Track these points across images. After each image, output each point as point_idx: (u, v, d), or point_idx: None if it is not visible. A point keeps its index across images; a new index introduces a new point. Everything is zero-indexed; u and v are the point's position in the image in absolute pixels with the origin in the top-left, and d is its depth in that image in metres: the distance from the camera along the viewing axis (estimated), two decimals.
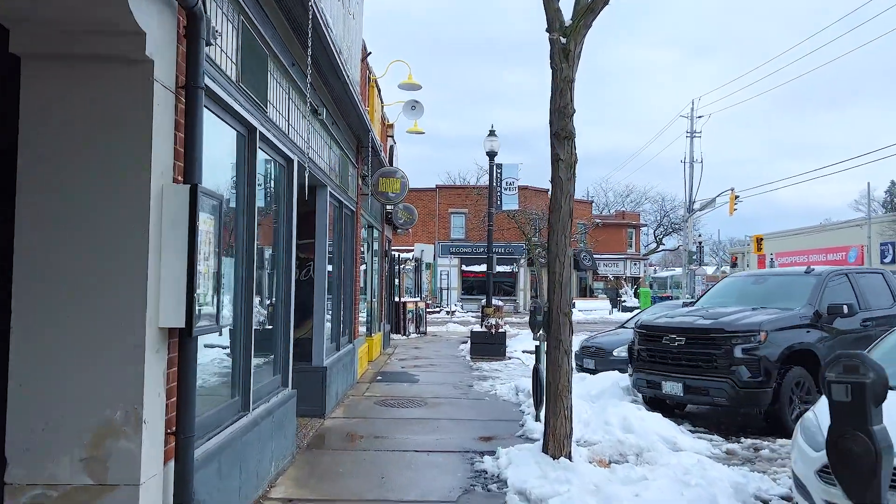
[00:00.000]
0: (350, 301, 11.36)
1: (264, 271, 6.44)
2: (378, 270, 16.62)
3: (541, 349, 10.10)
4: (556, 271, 6.42)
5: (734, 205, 34.17)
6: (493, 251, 18.12)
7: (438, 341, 20.55)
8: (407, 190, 11.72)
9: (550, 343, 6.49)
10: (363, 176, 11.77)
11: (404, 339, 20.70)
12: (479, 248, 41.71)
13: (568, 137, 6.36)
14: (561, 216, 6.39)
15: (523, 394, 10.08)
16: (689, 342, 8.97)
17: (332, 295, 10.03)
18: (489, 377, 12.81)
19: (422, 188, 41.86)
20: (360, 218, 12.04)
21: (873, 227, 56.66)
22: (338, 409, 9.24)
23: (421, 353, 16.92)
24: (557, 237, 6.40)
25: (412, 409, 9.42)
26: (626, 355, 12.58)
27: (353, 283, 11.50)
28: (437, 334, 23.32)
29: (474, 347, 16.19)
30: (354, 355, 11.38)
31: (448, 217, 42.67)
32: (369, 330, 14.92)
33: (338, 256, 10.16)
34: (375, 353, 15.45)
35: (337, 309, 10.09)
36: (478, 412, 9.30)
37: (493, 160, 17.99)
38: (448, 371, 13.63)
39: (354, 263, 11.52)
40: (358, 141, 11.46)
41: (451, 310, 36.07)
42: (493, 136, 17.88)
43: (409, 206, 16.88)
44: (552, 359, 6.47)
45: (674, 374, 9.05)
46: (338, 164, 9.75)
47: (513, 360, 15.61)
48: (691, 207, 43.87)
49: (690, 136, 49.37)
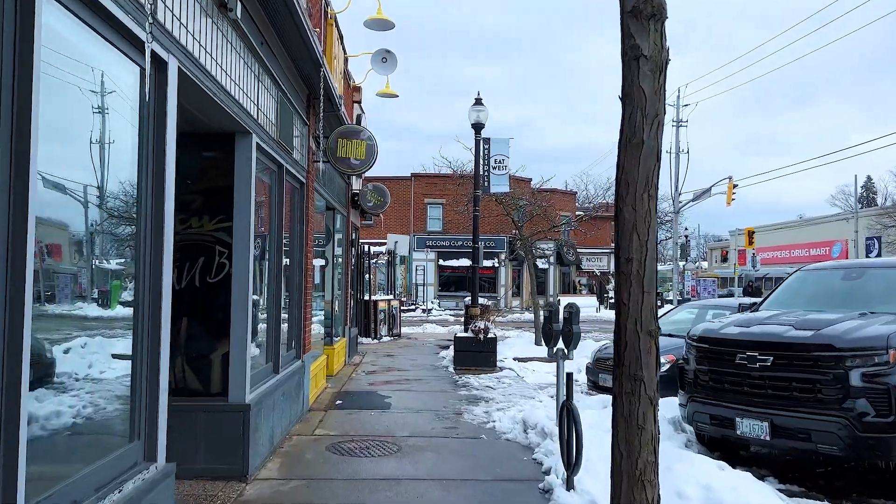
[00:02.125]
0: (299, 304, 8.47)
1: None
2: (342, 264, 13.71)
3: (561, 373, 7.33)
4: (632, 257, 3.62)
5: (732, 194, 31.87)
6: (479, 242, 15.31)
7: (414, 346, 17.70)
8: (376, 157, 8.87)
9: (622, 383, 3.69)
10: (316, 138, 8.88)
11: (375, 344, 17.81)
12: (458, 241, 38.90)
13: (655, 16, 3.55)
14: (643, 159, 3.59)
15: (535, 432, 7.28)
16: (777, 363, 6.26)
17: (267, 297, 7.15)
18: (481, 398, 10.01)
19: (396, 176, 38.86)
20: (314, 194, 9.14)
21: (859, 221, 55.14)
22: (272, 463, 6.35)
23: (394, 363, 14.06)
24: (636, 195, 3.59)
25: (380, 459, 6.57)
26: None
27: (305, 281, 8.61)
28: (413, 337, 20.48)
29: (459, 356, 13.38)
30: (304, 377, 8.50)
31: (424, 208, 39.75)
32: (330, 336, 12.02)
33: (275, 243, 7.26)
34: (338, 365, 12.56)
35: (275, 316, 7.20)
36: (475, 465, 6.48)
37: (479, 134, 15.16)
38: (428, 389, 10.80)
39: (305, 254, 8.62)
40: (309, 89, 8.56)
41: (428, 308, 33.25)
42: (480, 105, 15.05)
43: (381, 187, 14.00)
44: (624, 411, 3.67)
45: (754, 409, 6.34)
46: (274, 109, 6.85)
47: (505, 373, 12.83)
48: (679, 199, 41.60)
49: (676, 126, 47.04)
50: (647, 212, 3.61)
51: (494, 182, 15.46)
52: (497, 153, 15.54)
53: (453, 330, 22.93)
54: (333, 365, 11.99)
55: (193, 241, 6.10)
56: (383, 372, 12.77)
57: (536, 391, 10.94)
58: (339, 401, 9.62)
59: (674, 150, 45.97)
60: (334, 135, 8.84)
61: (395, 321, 19.92)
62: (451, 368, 13.23)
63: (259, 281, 7.07)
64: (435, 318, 31.21)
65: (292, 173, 7.89)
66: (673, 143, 45.98)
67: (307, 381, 8.75)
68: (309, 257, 8.72)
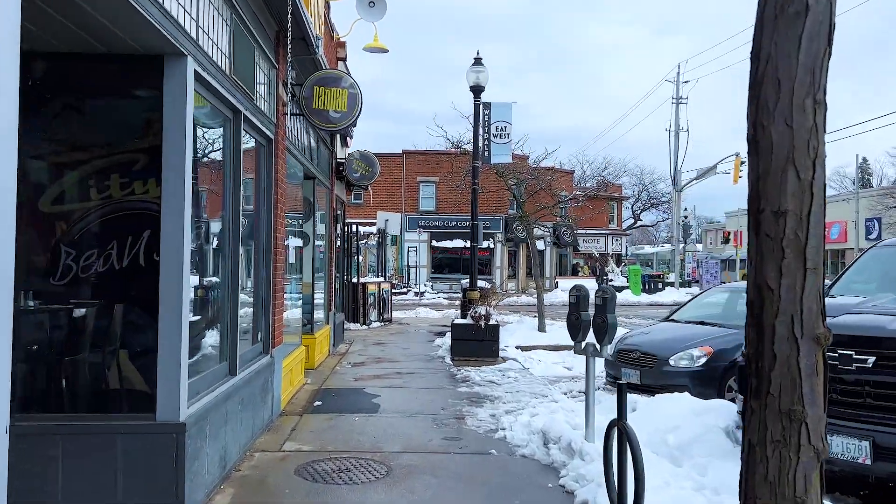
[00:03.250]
0: (267, 288, 6.96)
1: None
2: (326, 242, 12.18)
3: (591, 373, 5.86)
4: (785, 209, 2.11)
5: (739, 171, 30.39)
6: (478, 218, 13.79)
7: (407, 333, 16.23)
8: (359, 109, 7.30)
9: (763, 423, 2.18)
10: (287, 85, 7.31)
11: (364, 331, 16.33)
12: (452, 221, 37.35)
13: None
14: (805, 38, 2.07)
15: (559, 448, 5.81)
16: (882, 364, 4.82)
17: (223, 280, 5.64)
18: (485, 397, 8.55)
19: (386, 153, 37.11)
20: (286, 155, 7.58)
21: (861, 202, 53.90)
22: (221, 496, 4.86)
23: (384, 353, 12.59)
24: (792, 103, 2.07)
25: (364, 488, 5.09)
26: (688, 366, 8.47)
27: (275, 261, 7.09)
28: (405, 322, 19.01)
29: (456, 346, 11.92)
30: (273, 375, 7.00)
31: (416, 186, 38.09)
32: (310, 324, 10.53)
33: (233, 212, 5.73)
34: (320, 356, 11.07)
35: (233, 303, 5.69)
36: (487, 496, 5.01)
37: (478, 98, 13.58)
38: (423, 385, 9.33)
39: (275, 228, 7.09)
40: (278, 24, 6.98)
41: (421, 291, 31.79)
42: (480, 66, 13.46)
43: (368, 155, 12.41)
44: (767, 472, 2.17)
45: (850, 423, 4.91)
46: (227, 35, 5.28)
47: (509, 364, 11.38)
48: (678, 179, 40.14)
49: (676, 103, 45.50)
50: (812, 130, 2.09)
51: (495, 152, 13.91)
52: (498, 119, 13.97)
53: (448, 314, 21.50)
54: (314, 356, 10.50)
55: (137, 211, 4.62)
56: (372, 364, 11.29)
57: (547, 386, 9.51)
58: (319, 401, 8.14)
59: (673, 127, 44.57)
60: (309, 82, 7.27)
61: (385, 305, 18.43)
62: (447, 359, 11.77)
63: (209, 260, 5.55)
64: (428, 301, 29.76)
65: (255, 125, 6.33)
66: (672, 120, 44.53)
67: (278, 380, 7.26)
68: (279, 231, 7.19)
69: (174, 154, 4.31)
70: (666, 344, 8.74)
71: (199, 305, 5.26)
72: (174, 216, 4.30)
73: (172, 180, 4.31)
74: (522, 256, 39.11)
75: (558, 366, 12.22)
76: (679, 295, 33.81)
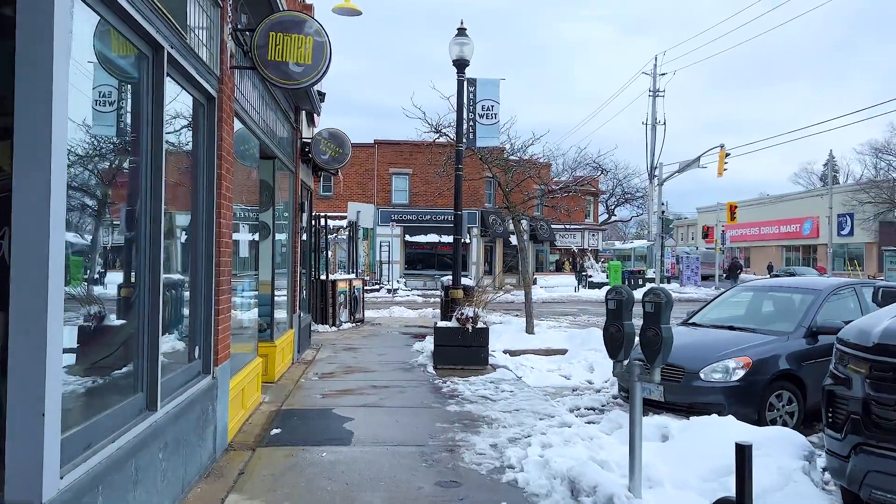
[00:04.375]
0: (208, 291, 5.39)
1: None
2: (290, 234, 10.58)
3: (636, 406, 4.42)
4: None
5: (724, 164, 29.42)
6: (462, 209, 12.30)
7: (381, 335, 14.69)
8: (327, 62, 5.74)
9: None
10: (239, 32, 5.73)
11: (333, 333, 14.74)
12: (427, 214, 35.82)
13: None
14: None
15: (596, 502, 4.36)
16: None
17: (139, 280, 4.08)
18: (480, 419, 7.09)
19: (357, 143, 35.37)
20: (233, 119, 6.00)
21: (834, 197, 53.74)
22: None
23: (357, 360, 11.05)
24: None
25: None
26: (722, 379, 7.10)
27: (218, 254, 5.52)
28: (379, 322, 17.46)
29: (440, 352, 10.43)
30: (215, 402, 5.44)
31: (389, 178, 36.43)
32: (269, 330, 8.94)
33: (152, 187, 4.15)
34: (282, 366, 9.51)
35: (149, 313, 4.12)
36: None
37: (462, 73, 12.09)
38: (404, 404, 7.84)
39: (218, 212, 5.52)
40: None
41: (394, 287, 30.23)
42: (464, 37, 11.99)
43: (338, 133, 10.82)
44: None
45: None
46: None
47: (500, 373, 9.94)
48: (659, 173, 39.15)
49: (653, 95, 44.58)
50: None
51: (482, 134, 12.43)
52: (485, 98, 12.50)
53: (424, 314, 20.01)
54: (274, 367, 8.93)
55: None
56: (343, 374, 9.75)
57: (549, 402, 8.09)
58: (278, 428, 6.59)
59: (650, 121, 43.64)
60: (264, 26, 5.69)
61: (357, 304, 16.86)
62: (429, 368, 10.28)
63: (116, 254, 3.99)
64: (402, 298, 28.22)
65: (188, 74, 4.75)
66: (649, 113, 43.60)
67: (223, 406, 5.70)
68: (224, 217, 5.62)
69: (34, 95, 2.75)
70: (694, 353, 7.36)
71: (95, 318, 3.69)
72: (30, 192, 2.74)
73: (28, 134, 2.74)
74: (499, 252, 37.80)
75: (554, 374, 10.82)
76: None
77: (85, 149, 3.50)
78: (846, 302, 7.98)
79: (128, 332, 4.04)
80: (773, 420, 6.97)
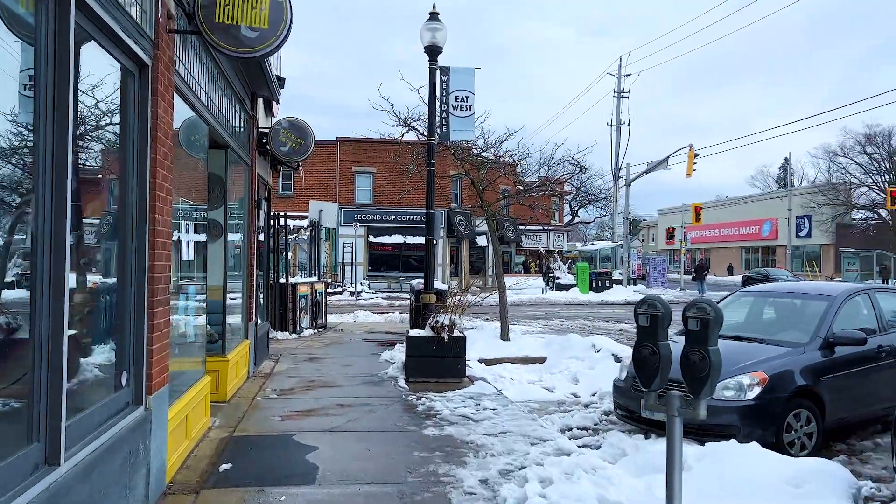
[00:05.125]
0: (139, 301, 4.38)
1: None
2: (245, 233, 9.53)
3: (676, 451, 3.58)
4: None
5: (693, 164, 29.13)
6: (434, 207, 11.40)
7: (346, 343, 13.68)
8: (287, 25, 4.76)
9: None
10: None
11: (294, 341, 13.68)
12: (392, 214, 34.77)
13: None
14: None
15: None
16: None
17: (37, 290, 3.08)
18: (465, 446, 6.20)
19: (319, 140, 34.21)
20: (172, 94, 4.99)
21: (795, 199, 54.44)
22: None
23: (320, 373, 10.05)
24: None
25: None
26: (735, 398, 6.35)
27: (151, 256, 4.51)
28: (343, 328, 16.42)
29: (412, 363, 9.51)
30: (147, 440, 4.43)
31: (352, 177, 35.25)
32: (221, 341, 7.91)
33: (53, 177, 3.15)
34: (235, 382, 8.48)
35: (49, 336, 3.11)
36: None
37: (435, 61, 11.19)
38: (376, 427, 6.89)
39: (152, 206, 4.51)
40: None
41: (357, 290, 29.14)
42: (436, 22, 11.08)
43: (299, 123, 9.79)
44: None
45: None
46: None
47: (478, 386, 9.09)
48: (626, 174, 38.83)
49: (617, 97, 44.38)
50: None
51: (455, 126, 11.55)
52: (459, 88, 11.62)
53: (391, 318, 19.06)
54: (227, 384, 7.89)
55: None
56: (304, 390, 8.76)
57: (537, 422, 7.25)
58: (228, 463, 5.58)
59: (615, 121, 43.38)
60: None
61: (319, 309, 15.80)
62: (401, 381, 9.35)
63: None
64: (366, 302, 27.19)
65: (111, 30, 3.76)
66: (614, 114, 43.34)
67: (159, 443, 4.68)
68: (159, 211, 4.62)
69: None
70: None
71: None
72: None
73: None
74: (465, 253, 37.00)
75: (536, 386, 10.01)
76: (629, 293, 32.39)
77: None
78: (859, 308, 7.32)
79: (18, 362, 3.03)
80: (790, 443, 6.25)
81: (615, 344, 11.74)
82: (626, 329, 18.34)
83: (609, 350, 11.18)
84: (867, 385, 6.87)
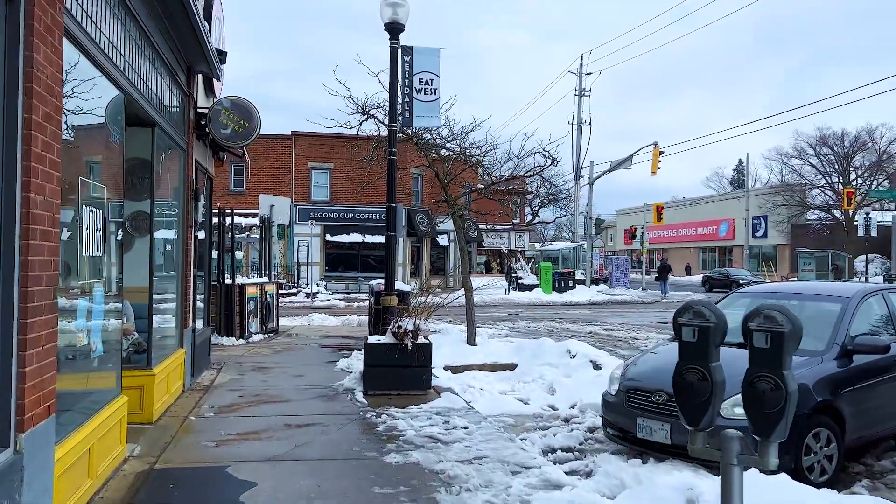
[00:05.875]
0: (5, 310, 3.25)
1: None
2: (180, 227, 8.34)
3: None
4: None
5: (658, 162, 28.69)
6: (395, 200, 10.35)
7: (298, 349, 12.54)
8: None
9: None
10: None
11: (240, 348, 12.47)
12: (349, 212, 33.53)
13: None
14: None
15: None
16: None
17: None
18: (435, 479, 5.20)
19: (273, 135, 32.73)
20: (62, 37, 3.87)
21: (752, 199, 54.93)
22: None
23: (267, 385, 8.92)
24: None
25: None
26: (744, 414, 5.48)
27: (22, 250, 3.39)
28: (296, 333, 15.24)
29: (371, 374, 8.47)
30: (18, 496, 3.30)
31: (307, 173, 33.86)
32: (146, 353, 6.74)
33: None
34: (166, 398, 7.32)
35: None
36: None
37: (396, 39, 10.15)
38: (329, 455, 5.84)
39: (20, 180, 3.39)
40: None
41: (313, 291, 27.87)
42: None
43: (243, 103, 8.63)
44: None
45: None
46: None
47: (445, 399, 8.09)
48: (579, 174, 38.39)
49: (579, 95, 43.96)
50: None
51: (419, 112, 10.54)
52: (423, 70, 10.62)
53: (349, 321, 17.91)
54: (154, 403, 6.73)
55: None
56: (247, 407, 7.64)
57: (515, 443, 6.30)
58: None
59: (576, 120, 42.96)
60: None
61: (270, 312, 14.60)
62: (358, 394, 8.30)
63: None
64: (322, 303, 25.94)
65: None
66: (575, 113, 42.90)
67: (37, 495, 3.56)
68: (35, 189, 3.50)
69: None
70: None
71: None
72: None
73: None
74: (426, 253, 35.99)
75: (508, 397, 9.07)
76: (592, 293, 31.85)
77: None
78: (874, 311, 6.58)
79: None
80: (810, 467, 5.42)
81: (591, 349, 10.88)
82: (596, 331, 17.60)
83: (586, 356, 10.32)
84: (887, 397, 6.11)
